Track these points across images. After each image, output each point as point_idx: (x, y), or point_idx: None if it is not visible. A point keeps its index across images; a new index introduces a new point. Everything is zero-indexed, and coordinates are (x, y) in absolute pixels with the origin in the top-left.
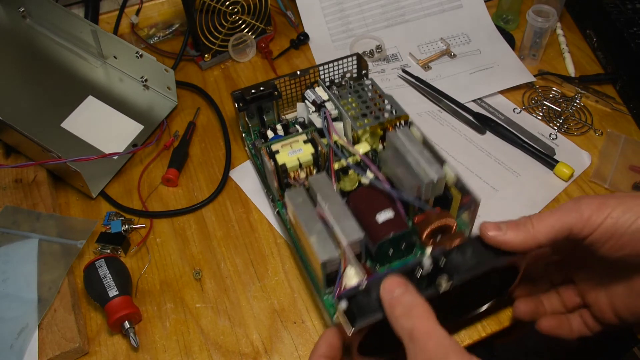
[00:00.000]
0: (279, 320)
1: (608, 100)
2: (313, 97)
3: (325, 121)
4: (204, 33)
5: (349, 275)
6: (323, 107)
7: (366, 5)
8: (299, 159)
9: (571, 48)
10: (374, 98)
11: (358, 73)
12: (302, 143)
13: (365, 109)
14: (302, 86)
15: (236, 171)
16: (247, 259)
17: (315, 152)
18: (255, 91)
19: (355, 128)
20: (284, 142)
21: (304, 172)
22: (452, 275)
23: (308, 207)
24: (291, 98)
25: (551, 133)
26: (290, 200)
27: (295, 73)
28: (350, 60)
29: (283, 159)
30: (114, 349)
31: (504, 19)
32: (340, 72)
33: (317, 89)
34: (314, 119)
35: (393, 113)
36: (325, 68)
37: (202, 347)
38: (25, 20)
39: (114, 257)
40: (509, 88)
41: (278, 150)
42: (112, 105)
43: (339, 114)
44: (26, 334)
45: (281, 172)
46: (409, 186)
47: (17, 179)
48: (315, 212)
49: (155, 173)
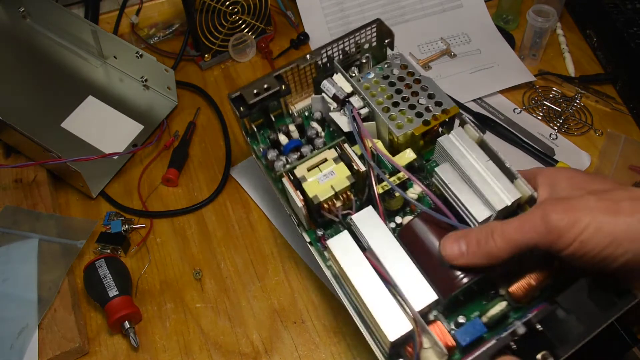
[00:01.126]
0: (279, 320)
1: (608, 100)
2: (333, 90)
3: (354, 123)
4: (204, 33)
5: (426, 356)
6: (348, 104)
7: (366, 5)
8: (332, 186)
9: (571, 48)
10: (406, 79)
11: (379, 44)
12: (333, 162)
13: (399, 98)
14: (312, 70)
15: (236, 169)
16: (247, 259)
17: (351, 173)
18: (259, 91)
19: (395, 133)
20: (310, 162)
21: (340, 201)
22: (555, 348)
23: (357, 255)
24: (300, 85)
25: (551, 133)
26: (334, 251)
27: (304, 58)
28: (369, 30)
29: (313, 189)
30: (114, 349)
31: (504, 19)
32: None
33: (336, 77)
34: (336, 118)
35: (437, 105)
36: (339, 45)
37: (202, 347)
38: (25, 20)
39: (114, 257)
40: (509, 88)
41: (304, 176)
42: (112, 105)
43: (368, 113)
44: (26, 334)
45: (313, 207)
46: (475, 212)
47: (17, 179)
48: (368, 262)
49: (155, 173)
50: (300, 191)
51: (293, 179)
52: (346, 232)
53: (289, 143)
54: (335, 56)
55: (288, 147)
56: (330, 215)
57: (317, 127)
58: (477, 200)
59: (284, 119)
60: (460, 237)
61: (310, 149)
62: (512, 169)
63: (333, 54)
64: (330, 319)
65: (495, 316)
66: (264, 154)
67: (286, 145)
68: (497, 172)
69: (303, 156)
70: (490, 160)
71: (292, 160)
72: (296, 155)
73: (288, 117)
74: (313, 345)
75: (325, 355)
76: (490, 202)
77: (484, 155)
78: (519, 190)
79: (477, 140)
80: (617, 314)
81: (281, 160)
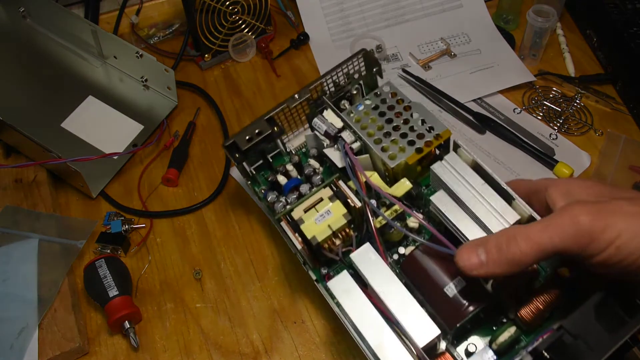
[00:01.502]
0: (279, 320)
1: (608, 100)
2: (324, 127)
3: (347, 158)
4: (204, 33)
5: None
6: (340, 139)
7: (366, 5)
8: (330, 226)
9: (571, 48)
10: (396, 108)
11: (368, 72)
12: (329, 201)
13: (390, 128)
14: (305, 106)
15: (236, 169)
16: (247, 259)
17: (348, 211)
18: (251, 137)
19: (389, 164)
20: (306, 203)
21: (339, 239)
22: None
23: (357, 294)
24: (294, 123)
25: (551, 133)
26: (335, 292)
27: (293, 97)
28: (356, 61)
29: (311, 230)
30: (114, 349)
31: (504, 19)
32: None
33: (326, 113)
34: (330, 154)
35: (430, 130)
36: (327, 79)
37: (202, 347)
38: (25, 20)
39: (114, 257)
40: (509, 88)
41: (301, 218)
42: (112, 105)
43: (361, 146)
44: (26, 334)
45: (314, 248)
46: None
47: (17, 179)
48: (369, 302)
49: (155, 173)
50: (298, 233)
51: (291, 222)
52: (345, 272)
53: (288, 183)
54: (327, 89)
55: (287, 186)
56: (332, 255)
57: (315, 164)
58: (474, 226)
59: (282, 158)
60: (478, 245)
61: (308, 187)
62: (508, 190)
63: (323, 88)
64: (330, 319)
65: (505, 342)
66: (265, 195)
67: (285, 185)
68: (493, 194)
69: (302, 195)
70: (486, 184)
71: (291, 200)
72: (295, 195)
73: (287, 155)
74: (313, 345)
75: (325, 355)
76: (488, 227)
77: (479, 179)
78: (517, 211)
79: (471, 163)
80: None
81: (281, 202)
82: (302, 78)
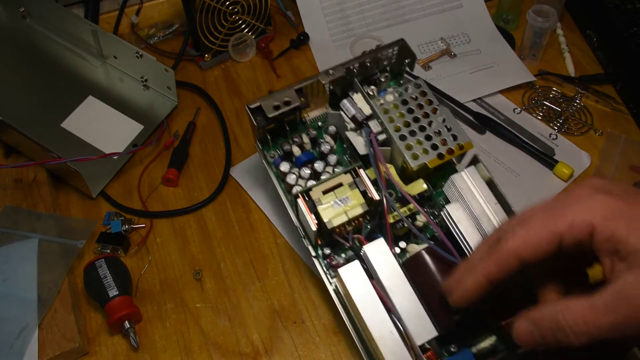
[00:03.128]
0: (279, 320)
1: (608, 100)
2: (353, 111)
3: (371, 147)
4: (204, 33)
5: None
6: (366, 127)
7: (366, 5)
8: (346, 212)
9: (571, 48)
10: (424, 107)
11: (397, 61)
12: (348, 188)
13: (416, 127)
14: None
15: (236, 169)
16: (247, 259)
17: (365, 201)
18: (279, 104)
19: (411, 163)
20: (325, 185)
21: (351, 226)
22: None
23: (366, 285)
24: (314, 96)
25: (551, 133)
26: (345, 279)
27: (327, 72)
28: (392, 50)
29: (328, 214)
30: (114, 349)
31: (504, 19)
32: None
33: (356, 97)
34: (352, 138)
35: (453, 138)
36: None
37: (202, 347)
38: (25, 20)
39: (114, 257)
40: (509, 88)
41: (319, 199)
42: (112, 105)
43: (387, 138)
44: (26, 334)
45: (326, 231)
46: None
47: (17, 179)
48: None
49: (155, 173)
50: (314, 214)
51: (308, 201)
52: (357, 262)
53: (302, 155)
54: (352, 68)
55: (300, 159)
56: (342, 240)
57: (331, 141)
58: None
59: (297, 129)
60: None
61: (323, 165)
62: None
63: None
64: (330, 319)
65: (484, 349)
66: (277, 163)
67: (299, 158)
68: (504, 216)
69: (316, 171)
70: (499, 204)
71: (304, 174)
72: (308, 169)
73: (301, 125)
74: (313, 345)
75: (325, 355)
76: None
77: (493, 198)
78: None
79: (487, 179)
80: None
81: (294, 174)
82: (302, 78)
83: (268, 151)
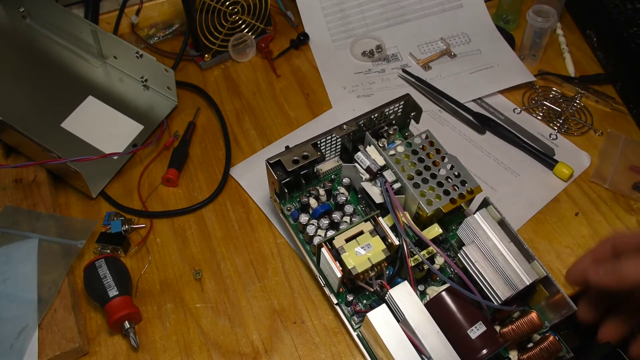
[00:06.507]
0: (279, 320)
1: (608, 100)
2: (367, 162)
3: (387, 196)
4: (204, 33)
5: None
6: (381, 177)
7: (366, 5)
8: (369, 258)
9: (571, 48)
10: (434, 156)
11: (403, 114)
12: (369, 235)
13: (427, 175)
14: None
15: (236, 169)
16: (247, 259)
17: (386, 247)
18: (297, 159)
19: (426, 209)
20: (347, 233)
21: (374, 271)
22: None
23: (395, 328)
24: (327, 148)
25: (551, 133)
26: (375, 323)
27: (341, 127)
28: (398, 105)
29: (352, 260)
30: (114, 349)
31: (504, 19)
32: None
33: (369, 149)
34: (368, 188)
35: (462, 184)
36: (367, 117)
37: (202, 347)
38: (25, 20)
39: (114, 257)
40: (509, 88)
41: (342, 247)
42: (112, 105)
43: (401, 187)
44: (26, 334)
45: (351, 277)
46: (498, 290)
47: (17, 179)
48: (405, 336)
49: (155, 173)
50: (339, 261)
51: (331, 249)
52: (384, 306)
53: (319, 207)
54: (362, 125)
55: (318, 211)
56: (365, 286)
57: (345, 192)
58: (500, 280)
59: (311, 182)
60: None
61: (340, 215)
62: (529, 250)
63: (363, 124)
64: (330, 319)
65: None
66: (294, 215)
67: (316, 210)
68: (517, 253)
69: (334, 222)
70: (512, 242)
71: (323, 225)
72: (327, 220)
73: (315, 179)
74: (313, 345)
75: (325, 355)
76: (513, 282)
77: (506, 237)
78: (535, 271)
79: (498, 220)
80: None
81: (313, 225)
82: (302, 78)
83: (284, 204)
